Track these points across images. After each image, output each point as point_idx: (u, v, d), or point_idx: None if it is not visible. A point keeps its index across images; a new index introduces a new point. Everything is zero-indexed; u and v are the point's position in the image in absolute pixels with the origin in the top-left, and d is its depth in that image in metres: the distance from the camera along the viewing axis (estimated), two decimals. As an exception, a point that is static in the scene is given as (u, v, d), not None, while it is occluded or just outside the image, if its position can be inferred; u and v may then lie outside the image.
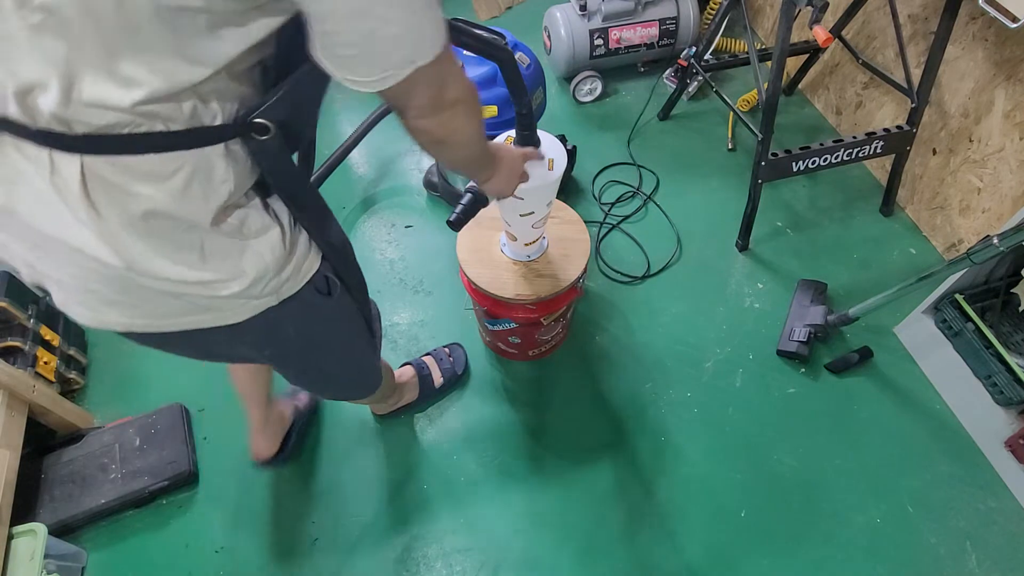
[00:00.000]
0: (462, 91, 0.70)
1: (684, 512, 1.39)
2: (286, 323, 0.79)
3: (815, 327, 1.59)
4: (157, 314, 0.70)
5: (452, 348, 1.63)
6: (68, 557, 1.30)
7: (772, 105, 1.57)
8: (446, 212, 1.71)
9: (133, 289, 0.67)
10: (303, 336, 0.85)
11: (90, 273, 0.65)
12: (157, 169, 0.60)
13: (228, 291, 0.69)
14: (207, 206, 0.64)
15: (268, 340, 0.82)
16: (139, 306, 0.69)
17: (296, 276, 0.76)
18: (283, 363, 0.93)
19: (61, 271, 0.66)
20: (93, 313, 0.70)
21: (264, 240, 0.70)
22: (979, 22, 1.52)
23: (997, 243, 1.13)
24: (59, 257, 0.64)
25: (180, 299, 0.69)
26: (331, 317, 0.88)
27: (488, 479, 1.45)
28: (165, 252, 0.64)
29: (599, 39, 2.16)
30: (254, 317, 0.74)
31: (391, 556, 1.35)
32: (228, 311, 0.72)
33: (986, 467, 1.44)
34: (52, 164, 0.58)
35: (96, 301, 0.68)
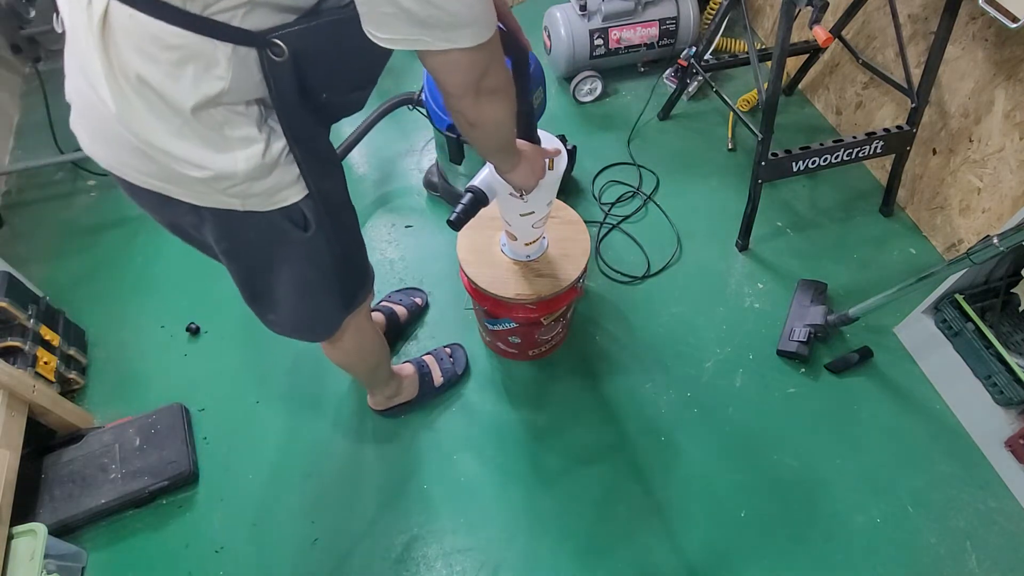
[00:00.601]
0: (500, 82, 0.76)
1: (684, 512, 1.39)
2: (248, 230, 0.84)
3: (815, 327, 1.59)
4: (135, 167, 0.77)
5: (453, 348, 1.63)
6: (68, 557, 1.30)
7: (772, 105, 1.57)
8: (446, 212, 1.71)
9: (119, 135, 0.74)
10: (261, 250, 0.89)
11: (95, 107, 0.73)
12: (164, 38, 0.65)
13: (193, 174, 0.74)
14: (194, 93, 0.68)
15: (225, 235, 0.86)
16: (122, 154, 0.76)
17: (267, 197, 0.80)
18: (234, 264, 0.94)
19: (79, 94, 0.75)
20: (90, 142, 0.79)
21: (242, 148, 0.74)
22: (979, 22, 1.52)
23: (997, 243, 1.13)
24: (81, 82, 0.73)
25: (153, 163, 0.75)
26: (296, 248, 0.90)
27: (488, 479, 1.45)
28: (151, 116, 0.70)
29: (599, 39, 2.16)
30: (217, 208, 0.79)
31: (391, 556, 1.35)
32: (193, 192, 0.78)
33: (986, 467, 1.44)
34: (90, 3, 0.65)
35: (94, 132, 0.77)
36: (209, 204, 0.79)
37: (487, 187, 1.15)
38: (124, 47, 0.66)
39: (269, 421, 1.55)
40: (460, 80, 0.72)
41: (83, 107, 0.76)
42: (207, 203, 0.79)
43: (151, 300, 1.78)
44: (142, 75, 0.67)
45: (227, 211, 0.79)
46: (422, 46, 0.66)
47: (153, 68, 0.67)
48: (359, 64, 0.80)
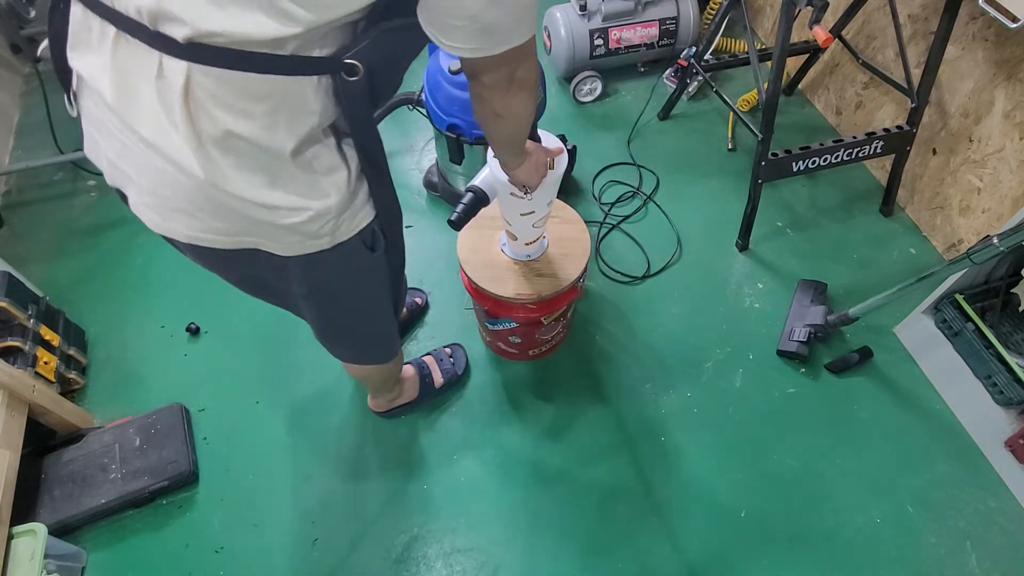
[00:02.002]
0: (532, 74, 0.78)
1: (684, 512, 1.39)
2: (329, 267, 0.83)
3: (815, 327, 1.59)
4: (221, 230, 0.74)
5: (453, 348, 1.63)
6: (68, 557, 1.30)
7: (772, 105, 1.57)
8: (446, 212, 1.71)
9: (204, 201, 0.70)
10: (340, 284, 0.89)
11: (168, 179, 0.69)
12: (255, 88, 0.64)
13: (291, 220, 0.73)
14: (291, 134, 0.68)
15: (307, 279, 0.85)
16: (206, 220, 0.72)
17: (351, 222, 0.79)
18: (313, 306, 0.94)
19: (142, 173, 0.71)
20: (161, 219, 0.74)
21: (332, 180, 0.74)
22: (979, 22, 1.52)
23: (997, 243, 1.13)
24: (144, 159, 0.69)
25: (246, 219, 0.72)
26: (369, 272, 0.91)
27: (488, 479, 1.45)
28: (243, 171, 0.68)
29: (599, 39, 2.16)
30: (305, 255, 0.78)
31: (391, 556, 1.35)
32: (284, 243, 0.76)
33: (986, 467, 1.44)
34: (160, 67, 0.62)
35: (167, 208, 0.72)
36: (297, 252, 0.78)
37: (487, 187, 1.15)
38: (212, 109, 0.64)
39: (269, 421, 1.55)
40: (500, 74, 0.74)
41: (152, 184, 0.71)
42: (296, 251, 0.78)
43: (151, 300, 1.78)
44: (235, 132, 0.65)
45: (315, 254, 0.79)
46: (480, 53, 0.68)
47: (246, 123, 0.65)
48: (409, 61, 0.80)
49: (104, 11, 0.63)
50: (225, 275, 0.90)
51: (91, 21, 0.65)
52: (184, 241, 0.76)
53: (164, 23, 0.60)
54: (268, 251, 0.77)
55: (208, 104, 0.64)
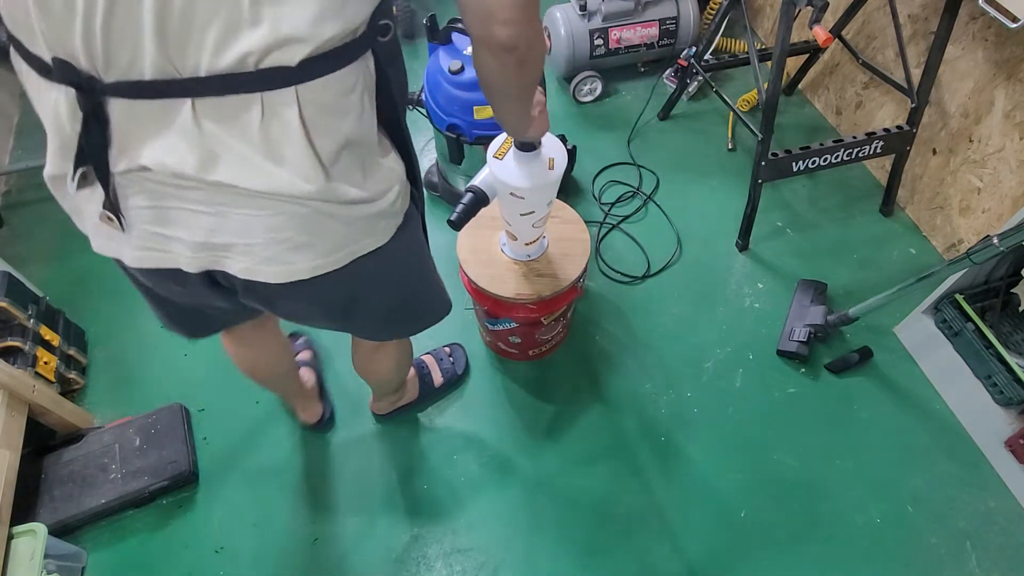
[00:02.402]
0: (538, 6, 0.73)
1: (684, 512, 1.39)
2: (408, 236, 0.83)
3: (815, 327, 1.59)
4: (334, 247, 0.74)
5: (452, 348, 1.63)
6: (68, 557, 1.30)
7: (772, 105, 1.57)
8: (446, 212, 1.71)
9: (317, 224, 0.70)
10: (416, 248, 0.90)
11: (282, 220, 0.68)
12: (347, 83, 0.65)
13: (383, 205, 0.74)
14: (374, 118, 0.69)
15: (401, 259, 0.85)
16: (319, 244, 0.72)
17: (405, 192, 0.80)
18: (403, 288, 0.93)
19: (250, 232, 0.69)
20: (284, 267, 0.72)
21: (392, 153, 0.76)
22: (979, 22, 1.52)
23: (997, 243, 1.13)
24: (247, 218, 0.68)
25: (350, 225, 0.73)
26: (420, 233, 0.91)
27: (488, 479, 1.45)
28: (345, 173, 0.69)
29: (599, 39, 2.16)
30: (392, 240, 0.79)
31: (391, 556, 1.35)
32: (379, 232, 0.77)
33: (986, 467, 1.44)
34: (264, 108, 0.61)
35: (286, 251, 0.71)
36: (390, 236, 0.79)
37: (487, 187, 1.15)
38: (327, 124, 0.65)
39: (269, 421, 1.55)
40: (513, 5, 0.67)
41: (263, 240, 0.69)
42: (389, 236, 0.79)
43: (151, 300, 1.78)
44: (348, 137, 0.67)
45: (395, 236, 0.80)
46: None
47: (351, 122, 0.67)
48: None
49: (175, 89, 0.60)
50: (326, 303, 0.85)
51: (146, 108, 0.61)
52: (309, 276, 0.74)
53: (275, 53, 0.59)
54: (367, 252, 0.77)
55: (322, 121, 0.64)
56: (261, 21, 0.57)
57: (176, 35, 0.57)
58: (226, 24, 0.57)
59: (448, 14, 1.70)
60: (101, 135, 0.63)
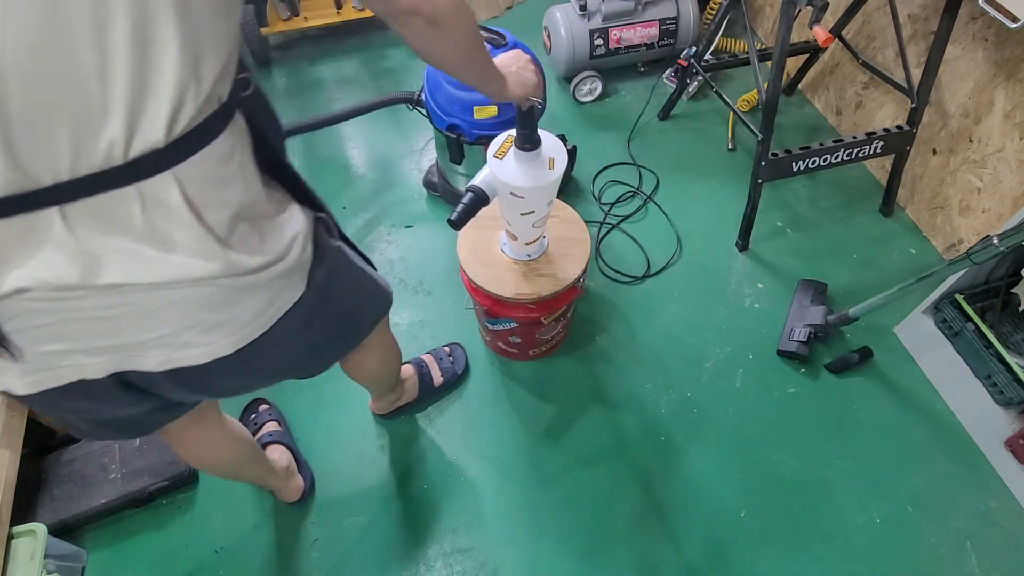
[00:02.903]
0: None
1: (684, 512, 1.39)
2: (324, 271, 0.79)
3: (815, 327, 1.59)
4: (248, 318, 0.70)
5: (452, 347, 1.63)
6: (68, 557, 1.30)
7: (772, 105, 1.57)
8: (446, 212, 1.71)
9: (227, 299, 0.66)
10: (337, 279, 0.85)
11: (189, 306, 0.64)
12: (223, 150, 0.61)
13: (291, 260, 0.70)
14: (258, 178, 0.66)
15: (316, 301, 0.79)
16: (235, 318, 0.68)
17: (309, 231, 0.76)
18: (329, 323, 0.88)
19: (156, 327, 0.65)
20: (204, 348, 0.68)
21: (287, 204, 0.72)
22: (979, 22, 1.52)
23: (997, 243, 1.13)
24: (149, 315, 0.63)
25: (263, 290, 0.69)
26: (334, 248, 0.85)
27: (488, 479, 1.45)
28: (244, 242, 0.65)
29: (599, 39, 2.16)
30: (309, 281, 0.75)
31: (391, 556, 1.35)
32: (295, 285, 0.74)
33: (986, 467, 1.44)
34: (143, 198, 0.56)
35: (199, 336, 0.67)
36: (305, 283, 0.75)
37: (487, 187, 1.15)
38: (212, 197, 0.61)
39: (269, 421, 1.55)
40: None
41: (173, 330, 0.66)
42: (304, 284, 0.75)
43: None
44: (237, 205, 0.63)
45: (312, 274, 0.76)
46: None
47: (235, 188, 0.63)
48: None
49: (36, 201, 0.53)
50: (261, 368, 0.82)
51: (7, 227, 0.54)
52: (234, 351, 0.71)
53: (139, 140, 0.54)
54: (289, 308, 0.74)
55: (208, 196, 0.60)
56: (114, 108, 0.51)
57: (24, 143, 0.50)
58: (78, 119, 0.51)
59: (448, 14, 1.69)
60: None
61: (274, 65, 2.49)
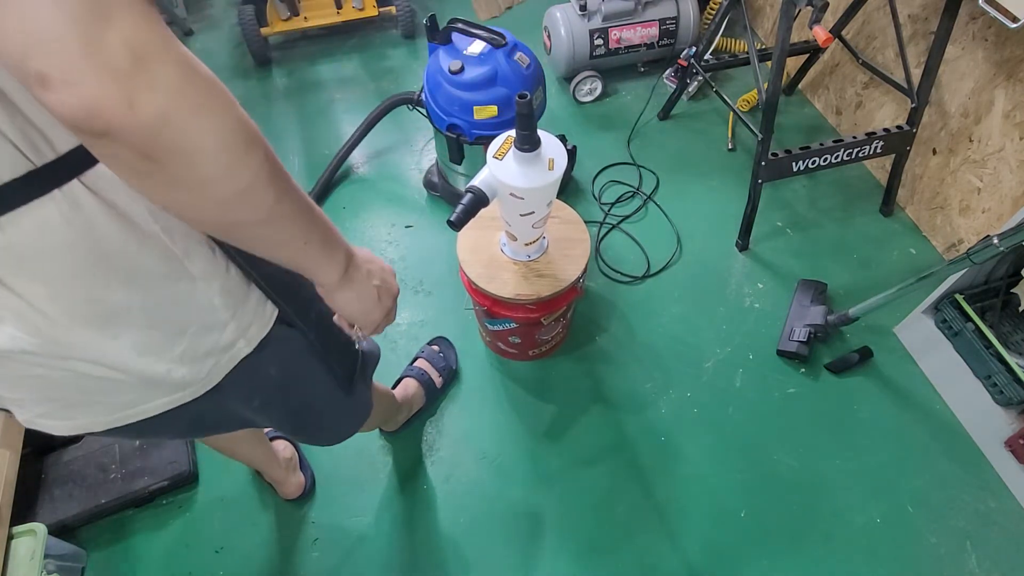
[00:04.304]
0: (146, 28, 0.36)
1: (684, 512, 1.39)
2: (267, 366, 0.71)
3: (815, 327, 1.59)
4: (127, 403, 0.61)
5: (439, 343, 1.63)
6: (68, 557, 1.30)
7: (772, 105, 1.57)
8: (446, 212, 1.71)
9: (84, 384, 0.57)
10: (287, 374, 0.76)
11: (33, 379, 0.55)
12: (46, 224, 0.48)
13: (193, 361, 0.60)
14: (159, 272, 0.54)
15: (253, 391, 0.73)
16: (104, 401, 0.60)
17: (261, 316, 0.68)
18: (271, 410, 0.82)
19: (16, 388, 0.57)
20: (65, 421, 0.61)
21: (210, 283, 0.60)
22: (979, 22, 1.52)
23: (997, 243, 1.13)
24: (7, 371, 0.55)
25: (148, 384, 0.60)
26: (303, 352, 0.77)
27: (488, 479, 1.45)
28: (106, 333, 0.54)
29: (599, 39, 2.16)
30: (232, 372, 0.66)
31: (391, 556, 1.35)
32: (199, 377, 0.63)
33: (986, 467, 1.44)
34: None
35: (60, 408, 0.60)
36: (221, 374, 0.66)
37: (487, 187, 1.15)
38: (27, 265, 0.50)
39: (269, 421, 1.55)
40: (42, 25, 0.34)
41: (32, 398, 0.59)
42: (219, 376, 0.66)
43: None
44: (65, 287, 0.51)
45: (241, 364, 0.67)
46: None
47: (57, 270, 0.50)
48: None
49: None
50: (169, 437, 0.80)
51: None
52: (102, 430, 0.63)
53: None
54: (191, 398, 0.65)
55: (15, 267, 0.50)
56: None
57: None
58: None
59: (448, 14, 1.70)
60: None
61: (274, 65, 2.49)
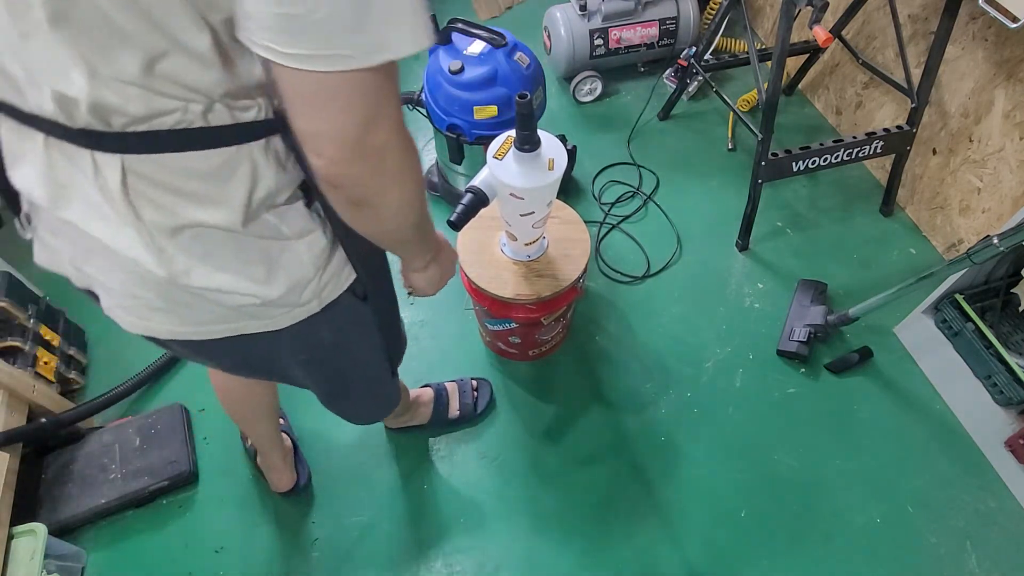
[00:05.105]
0: (395, 132, 0.54)
1: (684, 512, 1.39)
2: (324, 328, 0.77)
3: (815, 327, 1.59)
4: (201, 320, 0.69)
5: (480, 383, 1.56)
6: (68, 557, 1.30)
7: (772, 105, 1.57)
8: (446, 212, 1.71)
9: (177, 297, 0.65)
10: (338, 342, 0.82)
11: (136, 279, 0.64)
12: (199, 166, 0.57)
13: (268, 297, 0.67)
14: (246, 208, 0.61)
15: (305, 346, 0.80)
16: (183, 313, 0.67)
17: (338, 279, 0.74)
18: (313, 370, 0.89)
19: (108, 276, 0.65)
20: (139, 320, 0.69)
21: (303, 243, 0.68)
22: (979, 22, 1.52)
23: (997, 243, 1.13)
24: (107, 262, 0.64)
25: (223, 307, 0.67)
26: (364, 323, 0.84)
27: (488, 479, 1.45)
28: (205, 260, 0.62)
29: (599, 39, 2.16)
30: (297, 324, 0.73)
31: (391, 556, 1.35)
32: (270, 318, 0.71)
33: (986, 467, 1.44)
34: (95, 166, 0.56)
35: (142, 307, 0.67)
36: (288, 323, 0.72)
37: (487, 187, 1.15)
38: (157, 198, 0.58)
39: (269, 421, 1.55)
40: (338, 126, 0.51)
41: (120, 290, 0.66)
42: (287, 323, 0.72)
43: (151, 300, 1.78)
44: (187, 219, 0.59)
45: (305, 321, 0.73)
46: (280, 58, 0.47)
47: (198, 207, 0.59)
48: None
49: (24, 117, 0.56)
50: (216, 364, 0.85)
51: (21, 131, 0.58)
52: (167, 339, 0.71)
53: (88, 116, 0.53)
54: (254, 332, 0.71)
55: (152, 194, 0.58)
56: (69, 71, 0.50)
57: (8, 68, 0.53)
58: (38, 67, 0.51)
59: (448, 14, 1.70)
60: None
61: (274, 65, 2.48)
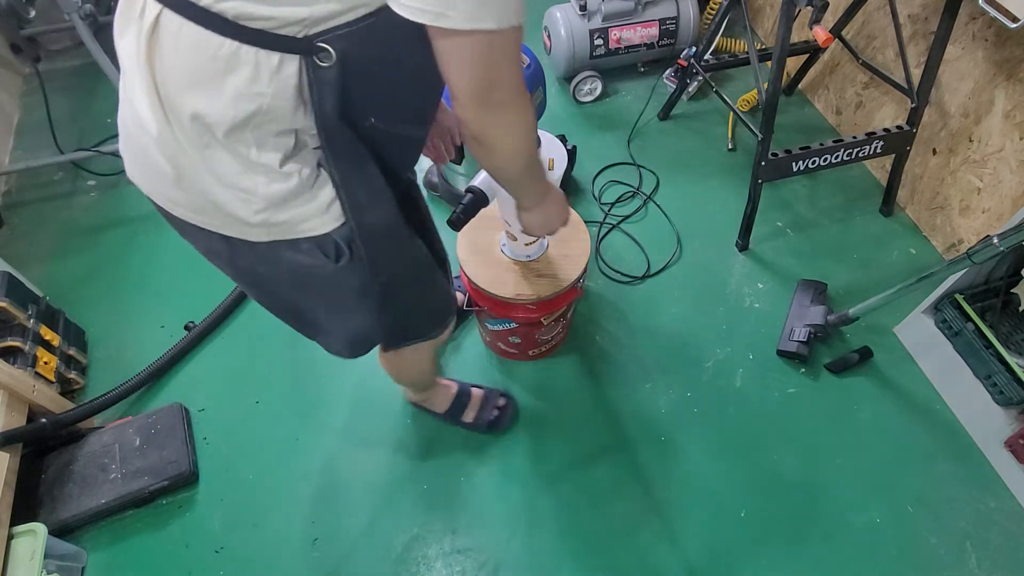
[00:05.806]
0: (512, 92, 0.68)
1: (684, 512, 1.39)
2: (273, 260, 0.79)
3: (815, 327, 1.59)
4: (167, 196, 0.75)
5: (508, 401, 1.52)
6: (68, 557, 1.30)
7: (772, 105, 1.57)
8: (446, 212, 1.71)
9: (156, 163, 0.70)
10: (291, 280, 0.85)
11: (136, 131, 0.70)
12: (211, 49, 0.61)
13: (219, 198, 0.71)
14: (232, 111, 0.64)
15: (254, 266, 0.83)
16: (157, 182, 0.74)
17: (293, 225, 0.75)
18: (265, 296, 0.93)
19: (125, 120, 0.73)
20: (130, 166, 0.77)
21: (264, 175, 0.70)
22: (979, 22, 1.52)
23: (997, 243, 1.13)
24: (128, 106, 0.70)
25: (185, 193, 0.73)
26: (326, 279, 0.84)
27: (488, 479, 1.45)
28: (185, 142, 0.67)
29: (599, 39, 2.16)
30: (246, 240, 0.76)
31: (391, 556, 1.35)
32: (221, 221, 0.75)
33: (986, 467, 1.44)
34: (143, 8, 0.63)
35: (134, 156, 0.75)
36: (236, 235, 0.76)
37: (487, 187, 1.15)
38: (170, 61, 0.63)
39: (269, 421, 1.55)
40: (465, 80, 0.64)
41: (127, 134, 0.74)
42: (234, 233, 0.75)
43: (151, 300, 1.78)
44: (184, 93, 0.64)
45: (254, 243, 0.76)
46: (445, 22, 0.57)
47: (196, 87, 0.63)
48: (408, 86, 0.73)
49: None
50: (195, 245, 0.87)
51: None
52: (145, 193, 0.78)
53: None
54: (207, 228, 0.76)
55: (169, 56, 0.63)
56: None
57: None
58: None
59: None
60: None
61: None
